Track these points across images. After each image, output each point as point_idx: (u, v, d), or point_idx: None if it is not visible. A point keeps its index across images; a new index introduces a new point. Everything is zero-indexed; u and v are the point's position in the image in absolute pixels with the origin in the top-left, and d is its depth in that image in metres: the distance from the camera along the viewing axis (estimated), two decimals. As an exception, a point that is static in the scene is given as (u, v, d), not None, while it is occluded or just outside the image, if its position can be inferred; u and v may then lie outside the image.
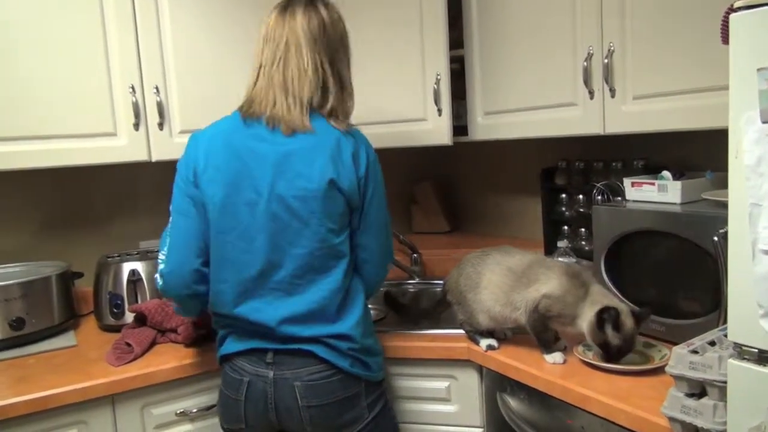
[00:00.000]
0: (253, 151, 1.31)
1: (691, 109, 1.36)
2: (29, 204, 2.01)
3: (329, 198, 1.29)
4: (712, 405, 0.98)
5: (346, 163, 1.31)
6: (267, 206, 1.29)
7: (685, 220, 1.38)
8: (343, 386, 1.33)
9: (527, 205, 2.30)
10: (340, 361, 1.32)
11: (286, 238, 1.30)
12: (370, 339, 1.39)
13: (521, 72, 1.80)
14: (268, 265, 1.31)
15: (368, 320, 1.41)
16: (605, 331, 1.31)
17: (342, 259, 1.34)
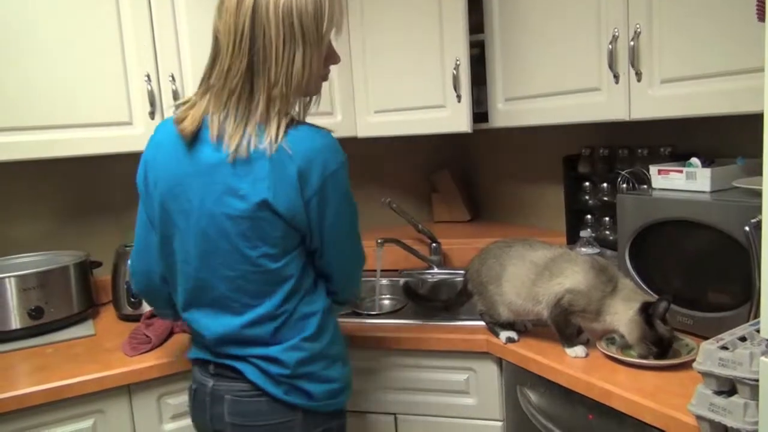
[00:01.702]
0: (187, 156, 1.17)
1: (722, 92, 1.30)
2: (48, 193, 2.02)
3: (263, 220, 1.12)
4: (742, 404, 0.93)
5: (287, 182, 1.11)
6: (197, 221, 1.16)
7: (715, 209, 1.33)
8: (271, 411, 1.20)
9: (549, 194, 2.25)
10: (269, 386, 1.19)
11: (216, 258, 1.16)
12: (316, 365, 1.22)
13: (543, 56, 1.75)
14: (201, 282, 1.21)
15: (320, 345, 1.22)
16: (655, 326, 1.26)
17: (283, 285, 1.18)
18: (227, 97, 1.14)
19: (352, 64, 2.05)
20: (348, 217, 1.23)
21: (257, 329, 1.19)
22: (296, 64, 1.12)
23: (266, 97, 1.11)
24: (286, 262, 1.17)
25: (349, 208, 1.22)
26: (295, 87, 1.13)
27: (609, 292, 1.32)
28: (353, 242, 1.28)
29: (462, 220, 2.60)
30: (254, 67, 1.11)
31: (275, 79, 1.11)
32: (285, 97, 1.13)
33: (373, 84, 2.04)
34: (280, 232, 1.14)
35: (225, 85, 1.14)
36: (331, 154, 1.14)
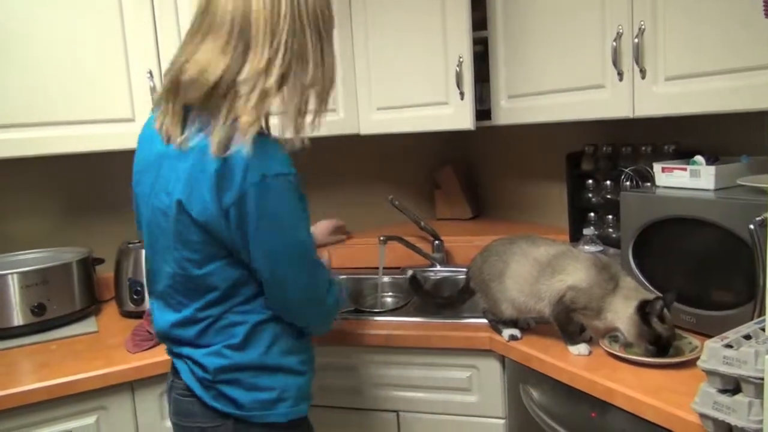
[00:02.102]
0: (151, 143, 1.17)
1: (727, 90, 1.29)
2: (50, 190, 2.02)
3: (180, 222, 1.08)
4: (747, 402, 0.93)
5: (202, 184, 1.03)
6: (146, 210, 1.18)
7: (719, 207, 1.32)
8: (202, 414, 1.17)
9: (552, 192, 2.25)
10: (198, 389, 1.16)
11: (158, 252, 1.16)
12: (243, 374, 1.15)
13: (547, 53, 1.74)
14: (151, 272, 1.21)
15: (247, 354, 1.15)
16: (652, 324, 1.25)
17: (207, 293, 1.12)
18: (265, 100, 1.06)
19: (355, 61, 2.04)
20: (283, 242, 1.08)
21: (183, 330, 1.16)
22: (326, 61, 1.10)
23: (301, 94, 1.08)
24: (209, 271, 1.10)
25: (286, 231, 1.08)
26: (329, 83, 1.12)
27: (611, 290, 1.31)
28: (298, 273, 1.12)
29: (464, 218, 2.60)
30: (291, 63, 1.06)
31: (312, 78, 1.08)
32: (322, 93, 1.12)
33: (376, 81, 2.04)
34: (198, 237, 1.07)
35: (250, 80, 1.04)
36: (260, 162, 1.02)
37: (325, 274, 1.20)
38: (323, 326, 1.27)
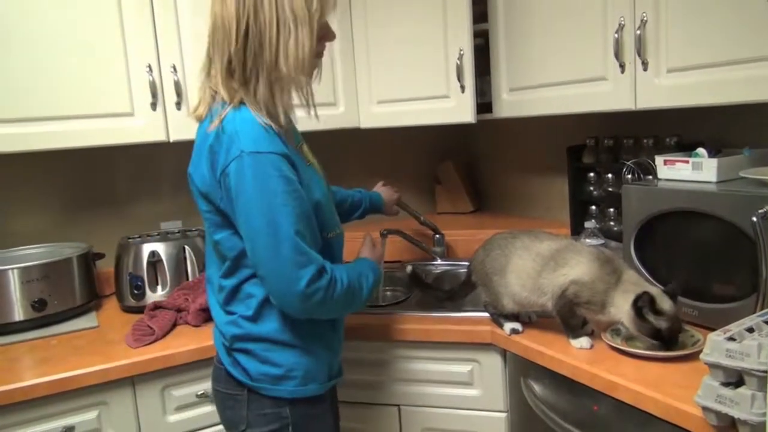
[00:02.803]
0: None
1: (729, 81, 1.28)
2: (50, 185, 2.02)
3: (193, 193, 1.25)
4: (750, 395, 0.92)
5: (203, 156, 1.18)
6: None
7: (721, 199, 1.31)
8: (225, 380, 1.28)
9: (553, 185, 2.24)
10: (222, 353, 1.29)
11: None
12: (254, 345, 1.22)
13: (548, 46, 1.73)
14: None
15: (259, 327, 1.22)
16: (647, 318, 1.25)
17: (224, 262, 1.24)
18: (228, 81, 1.18)
19: (355, 54, 2.03)
20: (258, 215, 1.11)
21: (215, 295, 1.29)
22: (290, 48, 1.14)
23: (267, 82, 1.16)
24: (219, 239, 1.22)
25: (259, 205, 1.11)
26: (292, 69, 1.16)
27: (613, 284, 1.31)
28: (266, 246, 1.12)
29: (465, 212, 2.59)
30: (253, 52, 1.15)
31: (271, 62, 1.15)
32: (283, 80, 1.17)
33: (376, 74, 2.03)
34: (205, 206, 1.21)
35: (228, 70, 1.17)
36: (240, 139, 1.12)
37: (304, 260, 1.13)
38: (297, 311, 1.17)
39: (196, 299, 1.70)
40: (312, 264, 1.14)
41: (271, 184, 1.11)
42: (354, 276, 1.25)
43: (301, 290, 1.13)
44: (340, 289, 1.19)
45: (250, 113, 1.15)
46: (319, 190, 1.26)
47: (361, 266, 1.33)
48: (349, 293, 1.22)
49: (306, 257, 1.14)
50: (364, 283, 1.28)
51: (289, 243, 1.12)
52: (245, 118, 1.14)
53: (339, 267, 1.24)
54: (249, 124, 1.13)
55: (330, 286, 1.17)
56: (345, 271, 1.24)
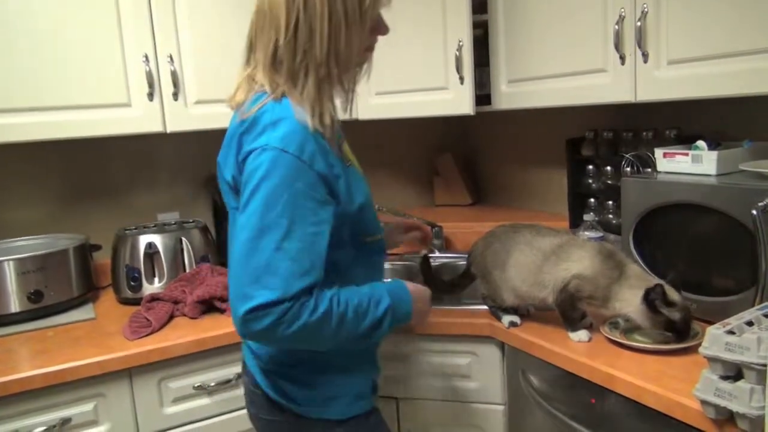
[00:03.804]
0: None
1: (730, 74, 1.28)
2: (46, 176, 2.00)
3: (220, 186, 1.18)
4: (748, 389, 0.92)
5: (233, 147, 1.09)
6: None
7: (721, 192, 1.31)
8: (265, 406, 1.16)
9: (552, 177, 2.23)
10: (259, 377, 1.16)
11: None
12: (297, 368, 1.13)
13: (548, 37, 1.72)
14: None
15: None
16: (661, 311, 1.24)
17: None
18: (272, 73, 1.09)
19: (353, 45, 2.01)
20: (253, 212, 0.99)
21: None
22: (341, 43, 1.06)
23: (316, 78, 1.06)
24: None
25: (259, 204, 0.98)
26: (343, 65, 1.09)
27: (616, 278, 1.30)
28: (241, 248, 0.99)
29: (464, 204, 2.59)
30: (303, 47, 1.05)
31: (321, 58, 1.05)
32: (333, 76, 1.09)
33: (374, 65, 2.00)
34: (235, 203, 1.10)
35: (273, 61, 1.08)
36: (270, 132, 1.01)
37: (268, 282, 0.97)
38: (237, 325, 1.00)
39: (194, 291, 1.69)
40: (276, 290, 0.96)
41: (282, 190, 0.98)
42: (350, 303, 1.05)
43: (243, 312, 0.96)
44: (307, 319, 0.98)
45: (291, 109, 1.04)
46: (361, 192, 1.15)
47: (379, 288, 1.11)
48: (325, 322, 1.01)
49: (273, 280, 0.96)
50: (369, 311, 1.07)
51: (263, 256, 0.97)
52: (284, 113, 1.03)
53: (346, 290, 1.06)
54: (286, 120, 1.02)
55: (286, 316, 0.97)
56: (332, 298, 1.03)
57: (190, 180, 2.20)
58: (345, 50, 1.07)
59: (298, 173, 0.99)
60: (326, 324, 1.01)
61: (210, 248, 1.93)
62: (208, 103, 1.83)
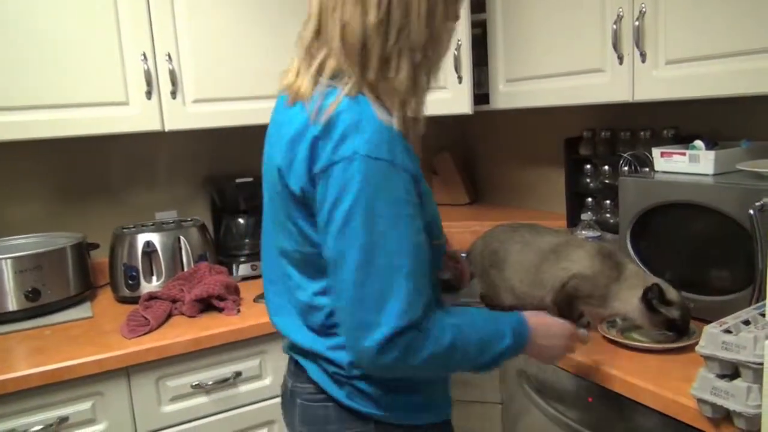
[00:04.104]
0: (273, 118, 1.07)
1: (727, 73, 1.28)
2: (44, 175, 2.00)
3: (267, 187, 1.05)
4: (745, 387, 0.93)
5: (302, 149, 0.92)
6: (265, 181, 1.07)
7: (718, 192, 1.31)
8: (340, 419, 1.01)
9: (550, 177, 2.24)
10: (332, 387, 1.01)
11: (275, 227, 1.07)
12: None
13: (546, 37, 1.72)
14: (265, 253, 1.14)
15: None
16: (659, 310, 1.24)
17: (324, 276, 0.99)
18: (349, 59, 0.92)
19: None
20: (355, 231, 0.87)
21: (302, 317, 1.04)
22: (437, 21, 0.94)
23: (410, 65, 0.93)
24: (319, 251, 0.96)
25: (362, 221, 0.87)
26: (439, 49, 0.97)
27: (615, 278, 1.30)
28: (352, 271, 0.88)
29: (462, 203, 2.59)
30: (397, 27, 0.91)
31: (417, 41, 0.92)
32: (431, 62, 0.96)
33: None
34: (297, 211, 0.97)
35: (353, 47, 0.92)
36: (356, 137, 0.87)
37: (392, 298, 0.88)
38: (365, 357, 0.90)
39: (192, 290, 1.69)
40: (402, 316, 0.87)
41: (382, 200, 0.88)
42: (471, 337, 0.97)
43: (373, 343, 0.87)
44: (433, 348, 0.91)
45: (370, 107, 0.90)
46: (432, 198, 1.06)
47: (503, 323, 1.02)
48: (442, 359, 0.93)
49: (396, 305, 0.88)
50: (490, 347, 0.99)
51: (379, 279, 0.88)
52: (364, 112, 0.89)
53: (459, 313, 0.99)
54: (370, 120, 0.89)
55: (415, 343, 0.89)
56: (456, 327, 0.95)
57: (189, 179, 2.20)
58: (442, 31, 0.96)
59: (395, 180, 0.89)
60: (451, 355, 0.93)
61: (208, 247, 1.93)
62: (207, 101, 1.83)
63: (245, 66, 1.87)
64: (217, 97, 1.85)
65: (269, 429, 1.68)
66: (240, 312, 1.68)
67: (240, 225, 2.09)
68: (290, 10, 1.91)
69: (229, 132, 2.16)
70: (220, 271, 1.83)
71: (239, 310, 1.69)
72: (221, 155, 2.23)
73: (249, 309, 1.71)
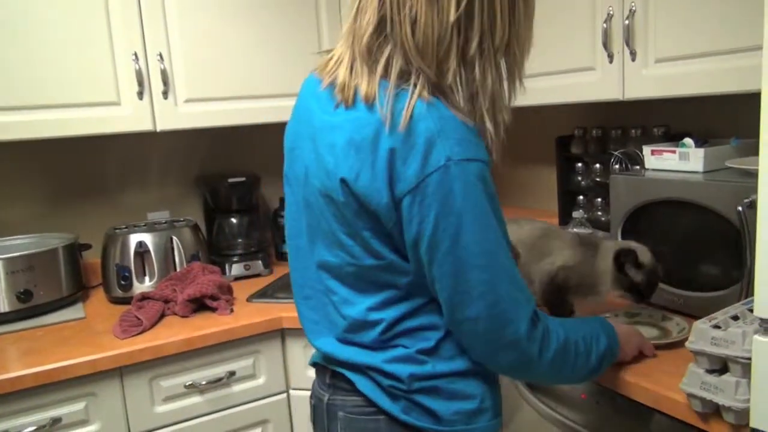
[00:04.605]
0: (306, 112, 0.99)
1: (716, 72, 1.29)
2: (35, 175, 1.99)
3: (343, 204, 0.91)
4: (734, 382, 0.93)
5: (375, 160, 0.85)
6: (303, 189, 0.99)
7: (707, 189, 1.32)
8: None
9: (542, 175, 2.25)
10: (384, 401, 0.96)
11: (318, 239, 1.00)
12: (439, 380, 0.96)
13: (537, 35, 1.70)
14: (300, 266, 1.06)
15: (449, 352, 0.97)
16: (627, 272, 1.27)
17: (383, 290, 0.96)
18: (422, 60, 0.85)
19: (344, 44, 2.02)
20: (470, 241, 0.85)
21: (355, 334, 0.98)
22: (520, 19, 0.89)
23: (494, 63, 0.88)
24: (393, 261, 0.92)
25: (472, 229, 0.85)
26: (524, 46, 0.92)
27: (594, 258, 1.33)
28: (480, 281, 0.86)
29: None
30: (480, 25, 0.85)
31: (504, 37, 0.87)
32: (517, 61, 0.91)
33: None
34: (363, 223, 0.90)
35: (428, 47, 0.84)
36: (443, 142, 0.82)
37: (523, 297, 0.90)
38: (508, 362, 0.92)
39: (185, 290, 1.69)
40: (531, 302, 0.90)
41: (482, 201, 0.85)
42: (576, 333, 0.96)
43: (523, 334, 0.88)
44: (555, 345, 0.92)
45: (448, 109, 0.85)
46: None
47: (592, 325, 1.02)
48: (565, 355, 0.94)
49: (524, 294, 0.90)
50: (593, 346, 0.98)
51: (506, 274, 0.87)
52: (445, 115, 0.84)
53: (553, 319, 0.97)
54: (453, 122, 0.84)
55: (545, 338, 0.91)
56: (561, 324, 0.96)
57: (181, 179, 2.19)
58: (525, 28, 0.91)
59: (487, 177, 0.87)
60: (569, 350, 0.94)
61: (201, 247, 1.93)
62: (198, 101, 1.83)
63: (237, 65, 1.87)
64: (208, 97, 1.85)
65: (263, 429, 1.68)
66: (233, 312, 1.69)
67: (233, 225, 2.09)
68: (282, 10, 1.91)
69: (221, 132, 2.16)
70: (213, 270, 1.83)
71: (232, 309, 1.69)
72: (213, 155, 2.23)
73: (242, 309, 1.71)
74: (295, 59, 1.92)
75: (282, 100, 1.87)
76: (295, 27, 1.94)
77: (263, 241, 2.14)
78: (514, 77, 0.93)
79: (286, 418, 1.71)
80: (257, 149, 2.28)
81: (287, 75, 1.91)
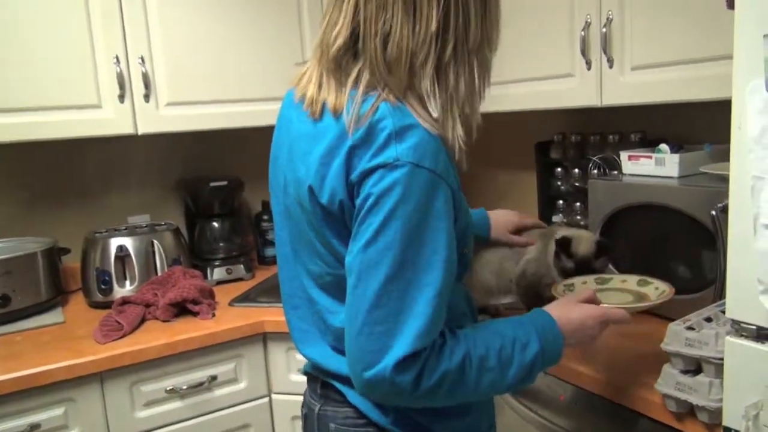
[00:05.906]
0: (287, 122, 0.98)
1: (691, 79, 1.32)
2: (13, 178, 1.97)
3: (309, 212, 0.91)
4: (707, 382, 0.96)
5: (337, 162, 0.84)
6: (284, 198, 0.98)
7: (682, 193, 1.35)
8: None
9: (522, 180, 2.27)
10: (373, 412, 0.93)
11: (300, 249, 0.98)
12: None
13: (515, 42, 1.75)
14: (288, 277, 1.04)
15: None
16: (560, 258, 1.32)
17: None
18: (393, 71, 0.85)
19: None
20: (391, 249, 0.80)
21: (340, 342, 0.92)
22: (492, 17, 0.92)
23: (468, 68, 0.89)
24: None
25: (395, 233, 0.80)
26: (494, 50, 0.94)
27: (547, 250, 1.36)
28: (381, 291, 0.81)
29: (436, 206, 2.60)
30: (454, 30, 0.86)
31: (476, 42, 0.88)
32: (488, 65, 0.93)
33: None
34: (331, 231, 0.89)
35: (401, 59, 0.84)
36: (399, 143, 0.81)
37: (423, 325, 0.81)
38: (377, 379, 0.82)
39: (166, 294, 1.69)
40: (422, 337, 0.81)
41: (421, 215, 0.81)
42: (492, 345, 0.88)
43: (389, 365, 0.80)
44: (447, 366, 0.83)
45: (413, 114, 0.84)
46: (466, 206, 1.02)
47: (524, 329, 0.92)
48: (465, 371, 0.85)
49: (418, 323, 0.81)
50: (514, 357, 0.89)
51: (406, 297, 0.81)
52: (408, 119, 0.83)
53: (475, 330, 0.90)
54: (414, 128, 0.82)
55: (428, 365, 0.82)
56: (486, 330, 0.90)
57: (161, 182, 2.18)
58: (494, 29, 0.92)
59: (436, 191, 0.83)
60: (467, 370, 0.85)
61: (182, 251, 1.92)
62: (180, 105, 1.83)
63: (219, 69, 1.87)
64: (190, 101, 1.84)
65: (245, 433, 1.68)
66: (215, 316, 1.68)
67: (214, 229, 2.09)
68: (264, 14, 1.91)
69: (202, 135, 2.15)
70: (194, 275, 1.82)
71: (214, 314, 1.69)
72: (195, 158, 2.22)
73: (224, 313, 1.71)
74: (276, 64, 1.93)
75: (263, 104, 1.87)
76: (277, 32, 1.95)
77: (245, 245, 2.14)
78: (483, 79, 0.93)
79: (268, 422, 1.71)
80: (239, 153, 2.28)
81: (268, 79, 1.91)
